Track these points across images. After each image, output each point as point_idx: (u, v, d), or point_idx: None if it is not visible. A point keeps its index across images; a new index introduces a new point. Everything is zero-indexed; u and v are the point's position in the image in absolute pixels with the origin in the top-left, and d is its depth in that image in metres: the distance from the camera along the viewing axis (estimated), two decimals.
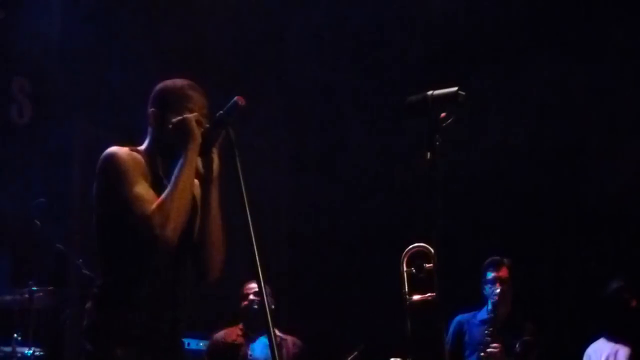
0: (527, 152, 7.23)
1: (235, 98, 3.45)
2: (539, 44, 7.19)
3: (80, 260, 6.56)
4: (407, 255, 5.22)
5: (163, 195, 3.41)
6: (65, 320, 6.77)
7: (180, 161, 3.46)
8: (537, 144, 7.22)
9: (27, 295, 6.35)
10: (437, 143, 3.33)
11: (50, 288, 6.54)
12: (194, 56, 7.64)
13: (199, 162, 3.59)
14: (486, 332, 6.24)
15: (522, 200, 7.29)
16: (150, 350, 3.48)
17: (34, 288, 6.40)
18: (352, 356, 6.51)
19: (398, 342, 4.97)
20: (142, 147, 3.65)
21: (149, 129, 3.67)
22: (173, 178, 3.45)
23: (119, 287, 3.50)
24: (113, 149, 3.52)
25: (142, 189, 3.43)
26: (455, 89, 3.32)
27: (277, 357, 3.16)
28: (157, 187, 3.50)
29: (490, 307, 6.34)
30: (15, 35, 7.54)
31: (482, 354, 6.23)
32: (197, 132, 3.50)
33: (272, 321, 6.29)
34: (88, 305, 3.54)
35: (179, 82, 3.68)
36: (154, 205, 3.37)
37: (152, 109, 3.64)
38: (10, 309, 6.51)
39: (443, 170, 3.30)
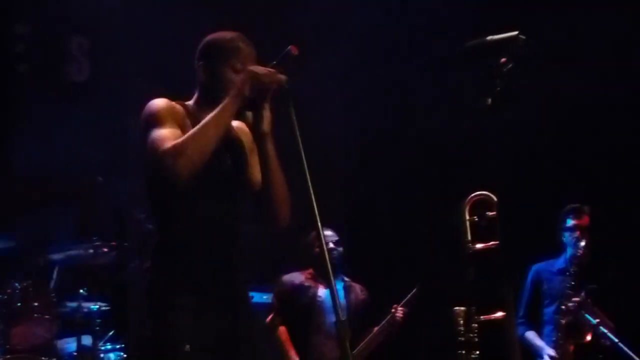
0: (591, 100, 7.09)
1: (289, 47, 3.39)
2: None
3: (143, 215, 6.62)
4: (469, 204, 5.18)
5: (189, 133, 3.37)
6: (128, 275, 6.83)
7: (220, 106, 3.40)
8: (603, 90, 7.07)
9: (91, 251, 6.41)
10: (498, 89, 3.29)
11: (114, 243, 6.56)
12: (247, 8, 7.60)
13: (249, 116, 3.56)
14: (567, 285, 6.20)
15: (591, 146, 7.17)
16: (211, 299, 3.48)
17: (98, 244, 6.45)
18: (410, 295, 6.51)
19: (460, 290, 4.95)
20: (190, 102, 3.63)
21: (198, 82, 3.64)
22: (203, 121, 3.40)
23: (172, 240, 3.51)
24: (153, 100, 3.52)
25: (167, 130, 3.39)
26: (515, 33, 3.27)
27: (338, 303, 3.12)
28: None
29: (569, 256, 6.29)
30: None
31: (562, 306, 6.19)
32: (245, 85, 3.41)
33: (342, 267, 6.40)
34: (147, 263, 3.60)
35: (228, 34, 3.65)
36: (171, 142, 3.33)
37: (202, 62, 3.62)
38: (76, 265, 6.59)
39: (504, 116, 3.25)
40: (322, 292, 6.39)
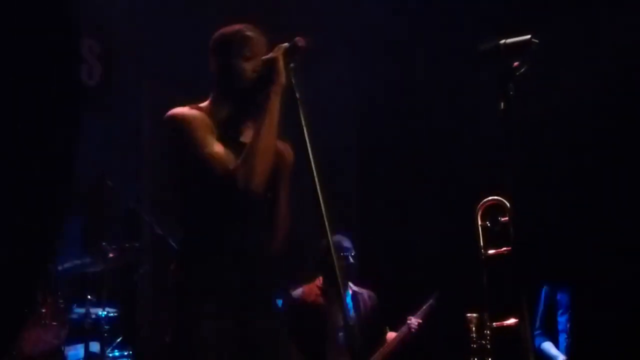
0: (604, 103, 6.96)
1: (295, 39, 3.39)
2: None
3: (153, 218, 6.56)
4: (481, 209, 5.12)
5: (248, 147, 3.40)
6: (138, 279, 6.78)
7: (267, 106, 3.41)
8: (616, 94, 6.93)
9: (99, 257, 6.33)
10: (511, 92, 3.23)
11: (121, 248, 6.50)
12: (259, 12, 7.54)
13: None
14: None
15: (604, 153, 7.04)
16: (236, 304, 3.47)
17: (106, 248, 6.36)
18: (425, 306, 6.43)
19: (474, 297, 4.90)
20: (205, 103, 3.62)
21: (214, 80, 3.63)
22: (258, 127, 3.41)
23: (200, 244, 3.51)
24: (174, 110, 3.51)
25: (216, 146, 3.42)
26: (528, 36, 3.21)
27: (348, 317, 3.07)
28: (223, 140, 3.48)
29: None
30: None
31: None
32: (284, 73, 3.44)
33: (353, 275, 6.24)
34: (172, 266, 3.57)
35: (234, 26, 3.65)
36: (239, 161, 3.38)
37: (214, 58, 3.62)
38: (83, 272, 6.51)
39: (517, 121, 3.19)
40: (334, 307, 6.25)
